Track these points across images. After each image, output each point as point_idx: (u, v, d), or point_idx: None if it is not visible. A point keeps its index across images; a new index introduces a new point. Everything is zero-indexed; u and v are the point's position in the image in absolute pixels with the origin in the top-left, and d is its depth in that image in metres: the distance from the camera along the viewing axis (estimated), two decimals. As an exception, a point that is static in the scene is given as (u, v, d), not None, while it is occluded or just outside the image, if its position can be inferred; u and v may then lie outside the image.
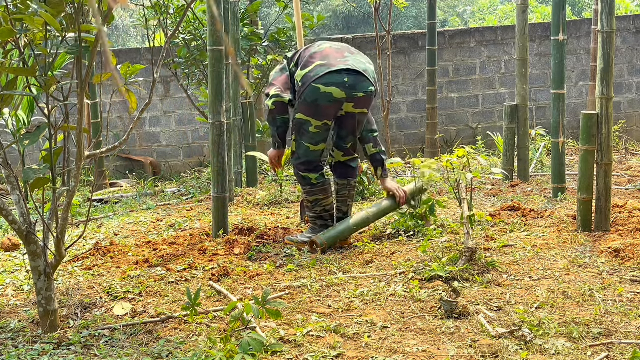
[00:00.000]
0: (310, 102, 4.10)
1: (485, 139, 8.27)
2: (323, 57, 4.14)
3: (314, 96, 4.08)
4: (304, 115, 4.15)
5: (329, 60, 4.12)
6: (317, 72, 4.08)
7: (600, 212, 4.27)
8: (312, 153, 4.22)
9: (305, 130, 4.18)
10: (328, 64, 4.10)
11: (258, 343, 2.68)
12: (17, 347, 2.93)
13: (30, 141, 3.04)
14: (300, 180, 4.31)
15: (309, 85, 4.08)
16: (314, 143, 4.20)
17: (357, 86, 4.11)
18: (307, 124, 4.16)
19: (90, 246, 4.49)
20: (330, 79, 4.06)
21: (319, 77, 4.06)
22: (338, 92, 4.07)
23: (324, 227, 4.31)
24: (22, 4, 2.66)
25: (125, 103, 8.10)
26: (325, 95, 4.07)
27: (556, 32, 5.34)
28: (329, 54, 4.17)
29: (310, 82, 4.07)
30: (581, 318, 2.95)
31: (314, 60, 4.14)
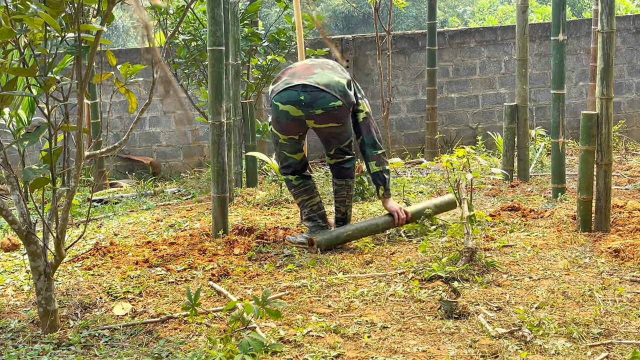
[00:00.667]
0: (275, 118, 4.23)
1: (485, 139, 8.27)
2: (291, 74, 4.22)
3: (275, 113, 4.20)
4: (274, 128, 4.29)
5: (294, 77, 4.18)
6: (277, 88, 4.18)
7: (600, 212, 4.27)
8: (290, 158, 4.34)
9: (277, 142, 4.33)
10: (289, 80, 4.16)
11: (258, 343, 2.68)
12: (17, 347, 2.93)
13: (30, 141, 3.04)
14: (286, 184, 4.48)
15: (271, 102, 4.21)
16: (289, 152, 4.32)
17: (314, 103, 4.07)
18: (276, 136, 4.30)
19: (90, 246, 4.50)
20: (286, 96, 4.10)
21: (277, 94, 4.15)
22: (294, 110, 4.11)
23: (317, 228, 4.30)
24: (21, 4, 2.66)
25: (125, 103, 8.10)
26: (284, 113, 4.15)
27: (556, 32, 5.34)
28: (297, 70, 4.24)
29: (272, 98, 4.19)
30: (581, 318, 2.95)
31: (283, 75, 4.25)
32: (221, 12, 4.40)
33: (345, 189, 4.38)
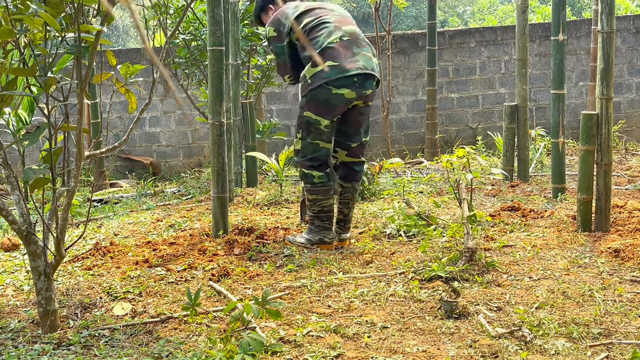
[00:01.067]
0: (321, 102, 4.04)
1: (485, 139, 8.27)
2: (334, 57, 4.02)
3: (324, 96, 4.02)
4: (313, 114, 4.07)
5: (340, 60, 4.01)
6: (329, 75, 4.00)
7: (600, 212, 4.27)
8: (320, 150, 4.14)
9: (315, 129, 4.10)
10: (340, 66, 4.00)
11: (258, 343, 2.68)
12: (17, 347, 2.93)
13: (30, 141, 3.04)
14: (302, 177, 4.22)
15: (318, 86, 4.02)
16: (324, 140, 4.13)
17: (365, 84, 4.08)
18: (316, 122, 4.08)
19: (90, 246, 4.49)
20: (342, 81, 4.01)
21: (331, 80, 4.00)
22: (349, 92, 4.02)
23: (320, 229, 4.23)
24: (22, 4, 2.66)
25: (125, 103, 8.10)
26: (337, 97, 4.02)
27: (556, 32, 5.34)
28: (340, 53, 4.04)
29: (322, 82, 4.01)
30: (581, 318, 2.95)
31: (325, 58, 4.01)
32: (221, 12, 4.40)
33: (351, 192, 4.30)
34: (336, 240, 4.28)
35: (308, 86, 4.06)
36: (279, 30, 4.20)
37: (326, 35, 4.10)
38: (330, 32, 4.11)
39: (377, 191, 5.71)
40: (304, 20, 4.17)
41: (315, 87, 4.03)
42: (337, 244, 4.28)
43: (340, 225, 4.33)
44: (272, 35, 4.22)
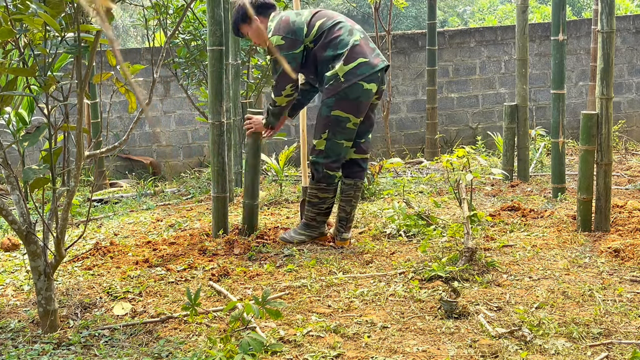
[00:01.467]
0: (353, 99, 4.06)
1: (485, 139, 8.27)
2: (364, 53, 4.09)
3: (356, 93, 4.06)
4: (343, 112, 4.08)
5: (369, 56, 4.10)
6: (362, 71, 4.05)
7: (600, 212, 4.27)
8: (343, 150, 4.17)
9: (342, 128, 4.11)
10: (371, 61, 4.08)
11: (258, 343, 2.68)
12: (17, 347, 2.93)
13: (30, 142, 3.04)
14: (321, 179, 4.20)
15: (353, 84, 4.04)
16: (349, 139, 4.16)
17: (384, 78, 4.21)
18: (345, 120, 4.09)
19: (90, 246, 4.49)
20: (372, 77, 4.09)
21: (365, 77, 4.05)
22: (374, 86, 4.10)
23: (321, 224, 4.31)
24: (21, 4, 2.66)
25: (125, 103, 8.10)
26: (367, 92, 4.07)
27: (556, 32, 5.34)
28: (365, 50, 4.11)
29: (356, 80, 4.04)
30: (581, 318, 2.95)
31: (356, 55, 4.06)
32: (221, 12, 4.40)
33: (354, 189, 4.30)
34: (338, 240, 4.29)
35: (341, 85, 4.06)
36: (289, 38, 4.12)
37: (348, 34, 4.13)
38: (350, 30, 4.16)
39: (377, 191, 5.71)
40: (316, 23, 4.17)
41: (349, 85, 4.05)
42: (338, 243, 4.29)
43: (342, 224, 4.31)
44: (280, 43, 4.10)
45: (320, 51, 4.14)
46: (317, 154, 4.19)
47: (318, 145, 4.17)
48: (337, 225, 4.32)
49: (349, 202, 4.30)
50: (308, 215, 4.31)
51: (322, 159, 4.17)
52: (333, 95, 4.07)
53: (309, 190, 4.30)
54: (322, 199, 4.24)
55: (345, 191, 4.31)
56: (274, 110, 4.25)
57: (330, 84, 4.08)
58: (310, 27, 4.15)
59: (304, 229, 4.32)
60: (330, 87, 4.08)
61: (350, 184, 4.30)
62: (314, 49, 4.16)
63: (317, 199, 4.25)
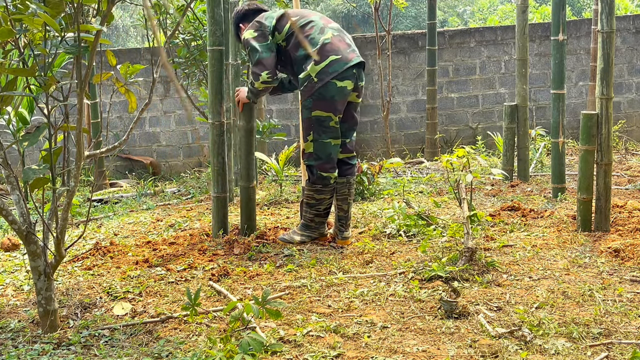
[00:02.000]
0: (329, 98, 4.09)
1: (485, 139, 8.27)
2: (335, 50, 4.10)
3: (331, 92, 4.08)
4: (323, 111, 4.11)
5: (341, 52, 4.10)
6: (335, 68, 4.06)
7: (600, 212, 4.27)
8: (333, 148, 4.20)
9: (326, 127, 4.15)
10: (343, 58, 4.09)
11: (258, 343, 2.68)
12: (17, 347, 2.93)
13: (30, 141, 3.04)
14: (316, 180, 4.23)
15: (327, 83, 4.06)
16: (335, 137, 4.19)
17: (360, 76, 4.20)
18: (327, 119, 4.13)
19: (90, 246, 4.49)
20: (345, 73, 4.09)
21: (338, 74, 4.06)
22: (349, 83, 4.11)
23: (320, 225, 4.32)
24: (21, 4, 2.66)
25: (125, 103, 8.10)
26: (341, 90, 4.09)
27: (556, 32, 5.34)
28: (338, 46, 4.13)
29: (329, 79, 4.06)
30: (581, 318, 2.95)
31: (327, 53, 4.08)
32: (221, 12, 4.40)
33: (347, 187, 4.33)
34: (339, 239, 4.30)
35: (314, 85, 4.08)
36: (260, 30, 4.20)
37: (319, 32, 4.16)
38: (321, 28, 4.18)
39: (377, 191, 5.71)
40: (289, 20, 4.21)
41: (323, 85, 4.06)
42: (339, 242, 4.30)
43: (342, 223, 4.32)
44: (252, 36, 4.19)
45: (293, 51, 4.19)
46: (308, 157, 4.24)
47: (307, 148, 4.22)
48: (336, 224, 4.33)
49: (344, 200, 4.33)
50: (306, 217, 4.33)
51: (314, 161, 4.21)
52: (309, 97, 4.12)
53: (306, 192, 4.31)
54: (318, 200, 4.26)
55: (338, 190, 4.33)
56: (253, 90, 4.28)
57: (305, 85, 4.12)
58: (282, 24, 4.20)
59: (304, 230, 4.33)
60: (305, 88, 4.13)
61: (343, 182, 4.33)
62: (288, 48, 4.20)
63: (314, 201, 4.27)
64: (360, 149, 8.47)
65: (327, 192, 4.26)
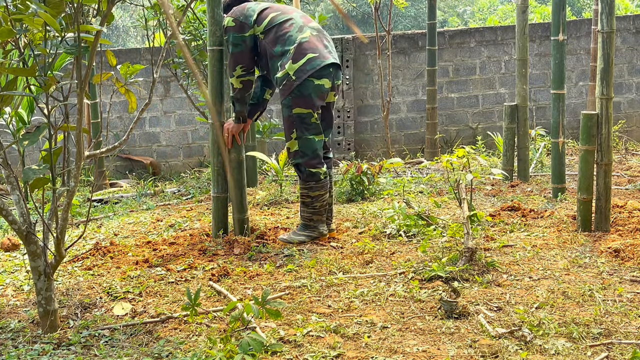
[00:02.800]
0: (307, 95, 4.15)
1: (485, 139, 8.27)
2: (312, 49, 4.16)
3: (308, 90, 4.15)
4: (303, 108, 4.18)
5: (319, 51, 4.17)
6: (312, 66, 4.12)
7: (600, 212, 4.27)
8: (317, 143, 4.25)
9: (308, 124, 4.21)
10: (320, 56, 4.15)
11: (258, 343, 2.68)
12: (17, 347, 2.93)
13: (30, 141, 3.04)
14: (306, 178, 4.27)
15: (304, 81, 4.12)
16: (318, 133, 4.25)
17: (337, 74, 4.27)
18: (308, 116, 4.20)
19: (90, 246, 4.49)
20: (322, 71, 4.16)
21: (315, 72, 4.12)
22: (327, 82, 4.19)
23: (319, 223, 4.34)
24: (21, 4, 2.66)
25: (125, 103, 8.10)
26: (318, 88, 4.16)
27: (556, 32, 5.34)
28: (316, 45, 4.19)
29: (306, 77, 4.12)
30: (581, 318, 2.95)
31: (304, 52, 4.14)
32: (221, 12, 4.39)
33: (331, 181, 4.48)
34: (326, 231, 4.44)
35: (293, 83, 4.14)
36: (239, 20, 4.24)
37: (297, 30, 4.21)
38: (300, 27, 4.23)
39: (377, 191, 5.71)
40: (270, 15, 4.26)
41: (301, 82, 4.13)
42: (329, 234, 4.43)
43: (327, 216, 4.47)
44: (231, 25, 4.24)
45: (270, 46, 4.23)
46: (293, 155, 4.29)
47: (292, 147, 4.27)
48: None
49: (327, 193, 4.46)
50: (304, 216, 4.37)
51: (300, 159, 4.26)
52: (289, 95, 4.17)
53: (300, 192, 4.37)
54: (314, 197, 4.30)
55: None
56: (235, 96, 4.33)
57: (284, 84, 4.17)
58: (262, 17, 4.24)
59: (303, 230, 4.35)
60: (284, 87, 4.18)
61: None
62: (265, 41, 4.24)
63: (309, 199, 4.31)
64: (360, 149, 8.47)
65: (321, 188, 4.30)
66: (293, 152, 4.27)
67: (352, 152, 8.28)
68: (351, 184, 5.65)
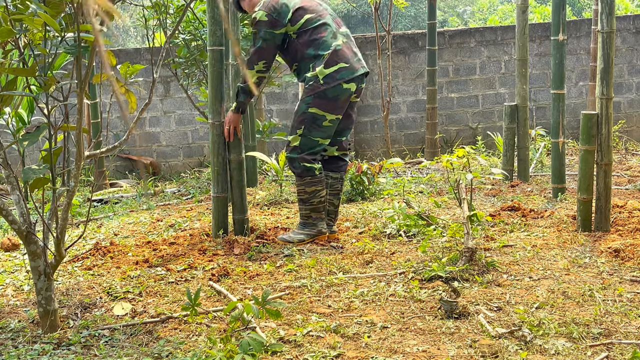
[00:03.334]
0: (331, 98, 4.20)
1: (485, 139, 8.27)
2: (345, 58, 4.22)
3: (335, 93, 4.20)
4: (319, 110, 4.21)
5: (350, 61, 4.23)
6: (342, 75, 4.20)
7: (600, 212, 4.27)
8: (319, 146, 4.29)
9: (319, 125, 4.24)
10: (351, 67, 4.23)
11: (258, 343, 2.68)
12: (17, 347, 2.93)
13: (30, 141, 3.04)
14: (301, 173, 4.29)
15: (334, 85, 4.18)
16: (325, 137, 4.28)
17: (363, 79, 4.36)
18: (322, 119, 4.23)
19: (90, 246, 4.49)
20: (351, 79, 4.24)
21: (345, 81, 4.20)
22: (354, 86, 4.26)
23: (317, 220, 4.33)
24: (21, 4, 2.66)
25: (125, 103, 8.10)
26: (345, 91, 4.23)
27: (556, 32, 5.34)
28: (347, 54, 4.25)
29: (336, 83, 4.18)
30: (581, 318, 2.95)
31: (337, 59, 4.20)
32: (221, 12, 4.39)
33: (340, 182, 4.49)
34: (328, 232, 4.42)
35: (320, 86, 4.19)
36: (272, 17, 4.22)
37: (332, 37, 4.26)
38: (334, 33, 4.28)
39: (377, 191, 5.71)
40: (305, 16, 4.26)
41: (329, 86, 4.18)
42: (330, 236, 4.41)
43: (331, 217, 4.49)
44: (263, 19, 4.22)
45: (303, 47, 4.25)
46: (291, 150, 4.30)
47: (293, 142, 4.29)
48: (325, 218, 4.39)
49: (336, 195, 4.49)
50: (302, 214, 4.38)
51: (296, 154, 4.28)
52: (312, 94, 4.21)
53: (297, 188, 4.38)
54: (310, 193, 4.31)
55: (332, 185, 4.46)
56: (244, 87, 4.31)
57: (310, 84, 4.22)
58: (296, 17, 4.24)
59: (302, 228, 4.36)
60: (309, 87, 4.22)
61: (337, 177, 4.48)
62: (297, 41, 4.26)
63: (306, 195, 4.33)
64: (360, 149, 8.47)
65: (317, 184, 4.30)
66: (292, 146, 4.30)
67: (352, 152, 8.28)
68: (351, 184, 5.65)
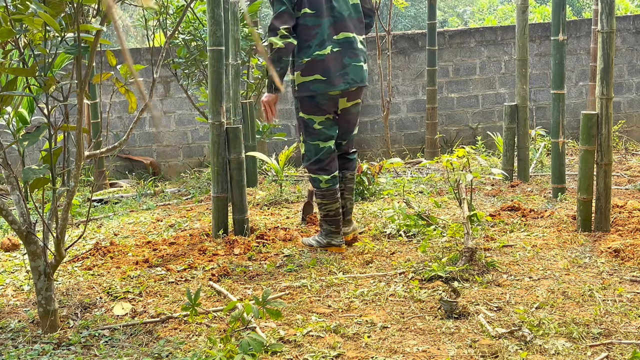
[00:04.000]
0: (311, 103, 4.06)
1: (485, 139, 8.27)
2: (324, 71, 3.99)
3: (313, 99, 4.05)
4: (306, 114, 4.10)
5: (329, 74, 3.99)
6: (316, 88, 4.00)
7: (600, 212, 4.27)
8: (321, 150, 4.11)
9: (311, 129, 4.11)
10: (328, 81, 3.99)
11: (258, 343, 2.68)
12: (17, 347, 2.93)
13: (30, 141, 3.04)
14: (310, 182, 4.21)
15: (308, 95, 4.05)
16: (324, 139, 4.12)
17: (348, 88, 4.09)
18: (310, 122, 4.10)
19: (90, 246, 4.49)
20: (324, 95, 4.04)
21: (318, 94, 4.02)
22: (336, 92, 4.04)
23: (328, 232, 4.17)
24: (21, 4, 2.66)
25: (125, 103, 8.10)
26: (323, 95, 4.04)
27: (556, 32, 5.34)
28: (329, 66, 3.99)
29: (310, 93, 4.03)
30: (581, 318, 2.95)
31: (315, 70, 3.98)
32: (221, 12, 4.40)
33: (344, 182, 4.32)
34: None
35: (296, 92, 4.09)
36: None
37: (318, 44, 3.99)
38: (323, 40, 4.00)
39: (377, 191, 5.71)
40: (303, 9, 3.97)
41: (304, 95, 4.06)
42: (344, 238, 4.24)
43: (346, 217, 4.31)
44: None
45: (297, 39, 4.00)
46: (302, 157, 4.23)
47: (301, 149, 4.22)
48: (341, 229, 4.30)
49: (342, 194, 4.29)
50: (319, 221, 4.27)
51: (305, 162, 4.20)
52: (296, 98, 4.14)
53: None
54: (319, 204, 4.19)
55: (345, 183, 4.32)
56: (273, 56, 3.91)
57: (291, 86, 4.13)
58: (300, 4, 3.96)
59: (318, 236, 4.25)
60: (292, 89, 4.14)
61: (340, 176, 4.29)
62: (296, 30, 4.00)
63: (319, 204, 4.21)
64: (360, 149, 8.47)
65: (323, 197, 4.14)
66: (302, 154, 4.21)
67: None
68: (351, 184, 5.65)
